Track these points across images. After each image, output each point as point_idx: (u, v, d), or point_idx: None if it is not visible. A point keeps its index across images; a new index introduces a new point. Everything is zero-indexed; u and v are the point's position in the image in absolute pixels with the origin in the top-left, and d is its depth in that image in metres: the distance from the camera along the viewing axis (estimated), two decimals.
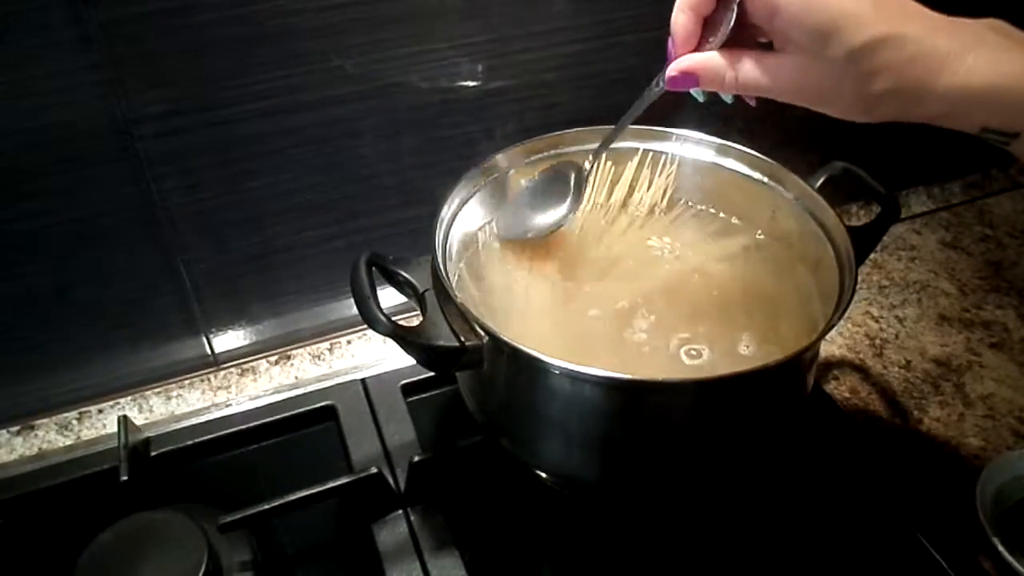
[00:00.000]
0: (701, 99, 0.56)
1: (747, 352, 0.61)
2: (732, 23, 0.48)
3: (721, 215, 0.72)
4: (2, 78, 0.59)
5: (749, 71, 0.49)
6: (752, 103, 0.54)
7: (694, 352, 0.60)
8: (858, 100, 0.47)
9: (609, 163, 0.71)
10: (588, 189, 0.68)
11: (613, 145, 0.65)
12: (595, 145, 0.70)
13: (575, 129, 0.70)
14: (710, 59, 0.50)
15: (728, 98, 0.54)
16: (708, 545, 0.66)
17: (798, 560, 0.64)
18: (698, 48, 0.51)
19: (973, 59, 0.44)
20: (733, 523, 0.67)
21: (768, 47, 0.50)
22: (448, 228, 0.63)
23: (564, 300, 0.64)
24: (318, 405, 0.75)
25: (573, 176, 0.66)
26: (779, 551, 0.65)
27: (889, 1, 0.45)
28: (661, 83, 0.54)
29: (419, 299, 0.59)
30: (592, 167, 0.66)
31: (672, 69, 0.51)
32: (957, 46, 0.44)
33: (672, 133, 0.70)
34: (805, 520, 0.67)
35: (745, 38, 0.50)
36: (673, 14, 0.51)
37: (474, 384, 0.62)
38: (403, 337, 0.54)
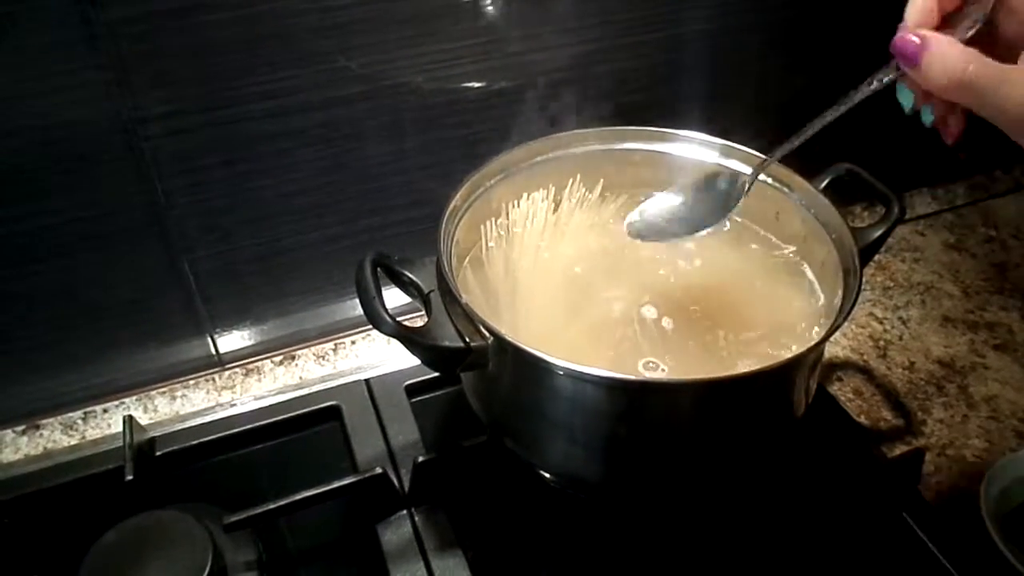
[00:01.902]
0: (926, 123, 0.50)
1: (750, 353, 0.61)
2: (981, 22, 0.43)
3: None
4: (7, 77, 0.59)
5: (987, 72, 0.41)
6: (952, 135, 0.49)
7: (697, 351, 0.61)
8: None
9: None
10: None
11: (614, 146, 0.66)
12: (599, 147, 0.70)
13: (580, 130, 0.70)
14: (940, 38, 0.42)
15: (927, 120, 0.49)
16: (711, 545, 0.66)
17: (800, 561, 0.64)
18: None
19: None
20: (736, 524, 0.67)
21: None
22: (453, 228, 0.63)
23: (569, 301, 0.64)
24: (322, 405, 0.76)
25: (724, 180, 0.62)
26: (782, 552, 0.65)
27: None
28: (875, 82, 0.49)
29: (424, 300, 0.59)
30: (755, 176, 0.61)
31: (897, 36, 0.44)
32: None
33: (676, 134, 0.70)
34: (808, 521, 0.67)
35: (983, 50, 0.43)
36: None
37: (478, 385, 0.62)
38: (408, 337, 0.54)
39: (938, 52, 0.42)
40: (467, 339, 0.55)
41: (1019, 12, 0.42)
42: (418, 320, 0.58)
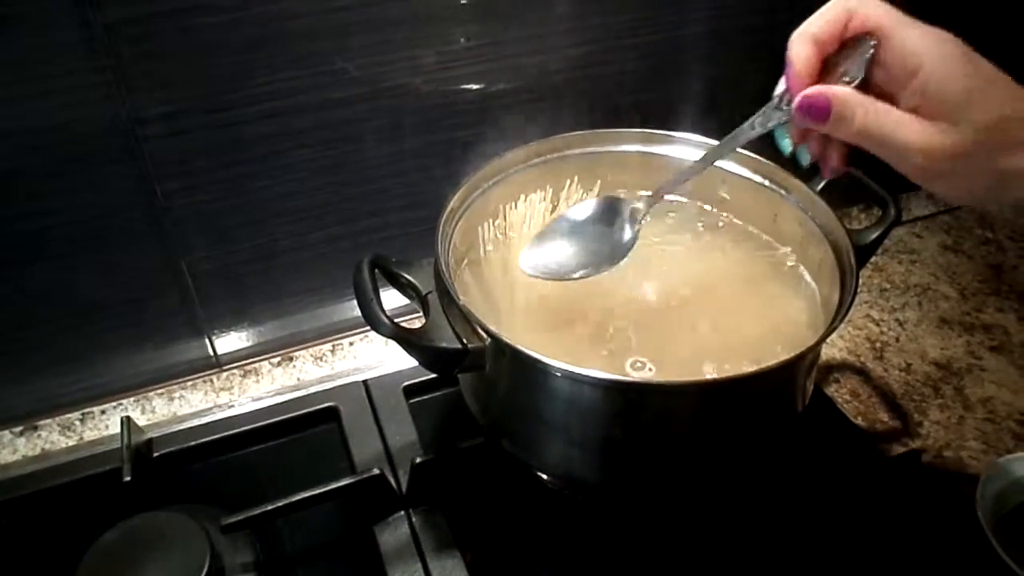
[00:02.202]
0: (803, 164, 0.53)
1: (747, 355, 0.61)
2: (864, 67, 0.45)
3: (722, 218, 0.72)
4: (6, 79, 0.59)
5: (880, 118, 0.45)
6: (832, 168, 0.51)
7: (693, 353, 0.61)
8: (983, 176, 0.44)
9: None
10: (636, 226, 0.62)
11: (612, 148, 0.66)
12: (597, 149, 0.70)
13: (578, 132, 0.70)
14: (848, 93, 0.45)
15: (805, 160, 0.52)
16: (708, 547, 0.66)
17: (798, 562, 0.65)
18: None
19: None
20: (733, 525, 0.67)
21: None
22: (451, 230, 0.63)
23: (566, 303, 0.65)
24: (320, 406, 0.76)
25: (620, 216, 0.62)
26: (779, 553, 0.65)
27: (1006, 78, 0.44)
28: (756, 126, 0.52)
29: (422, 301, 0.59)
30: (647, 210, 0.61)
31: (806, 93, 0.46)
32: None
33: (674, 136, 0.70)
34: (805, 522, 0.67)
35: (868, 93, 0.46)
36: (792, 42, 0.48)
37: (476, 386, 0.62)
38: (406, 339, 0.55)
39: (844, 107, 0.45)
40: (465, 341, 0.55)
41: (905, 54, 0.44)
42: (416, 322, 0.58)
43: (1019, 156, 0.43)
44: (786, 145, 0.53)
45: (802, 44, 0.47)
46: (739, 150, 0.68)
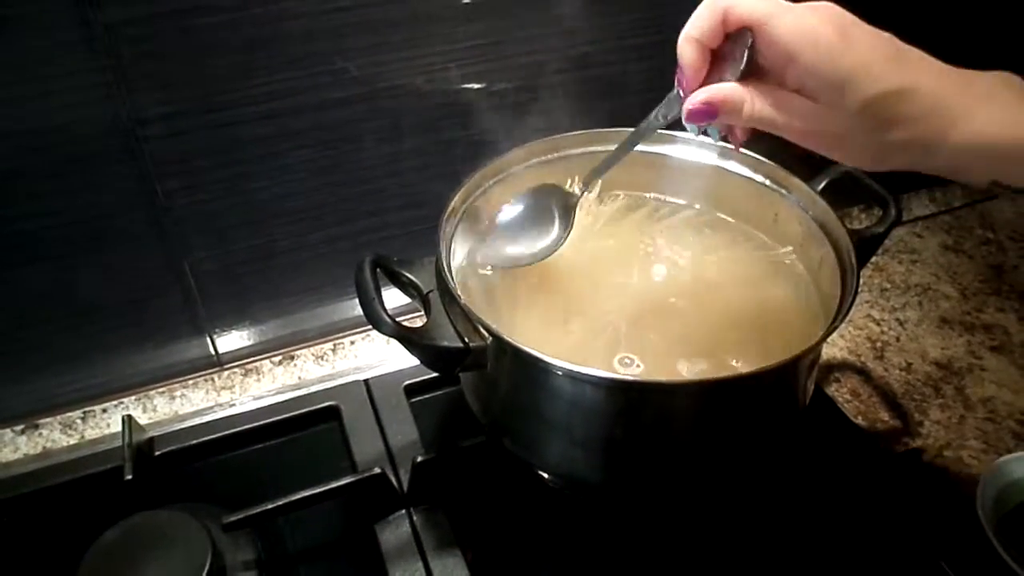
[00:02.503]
0: (714, 139, 0.56)
1: (747, 354, 0.61)
2: (746, 58, 0.47)
3: (723, 218, 0.72)
4: (6, 79, 0.60)
5: (766, 105, 0.47)
6: (738, 140, 0.54)
7: (692, 353, 0.61)
8: (869, 149, 0.47)
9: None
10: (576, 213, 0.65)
11: (612, 148, 0.65)
12: (597, 148, 0.70)
13: (577, 132, 0.70)
14: (732, 90, 0.48)
15: (715, 136, 0.54)
16: (709, 546, 0.66)
17: (798, 561, 0.65)
18: (707, 82, 0.49)
19: (985, 115, 0.44)
20: (734, 524, 0.67)
21: None
22: (452, 230, 0.63)
23: (567, 302, 0.65)
24: (321, 405, 0.76)
25: (558, 202, 0.64)
26: (780, 552, 0.65)
27: (906, 53, 0.45)
28: (660, 117, 0.54)
29: (423, 300, 0.59)
30: (582, 194, 0.64)
31: (691, 101, 0.49)
32: (969, 101, 0.45)
33: (675, 136, 0.70)
34: (805, 521, 0.67)
35: (758, 79, 0.48)
36: (679, 45, 0.49)
37: (477, 385, 0.62)
38: (407, 338, 0.55)
39: (728, 103, 0.48)
40: (466, 339, 0.55)
41: (778, 44, 0.45)
42: (417, 320, 0.58)
43: (897, 130, 0.45)
44: (714, 134, 0.55)
45: (686, 45, 0.49)
46: (740, 150, 0.68)
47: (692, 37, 0.48)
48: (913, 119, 0.45)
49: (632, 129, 0.57)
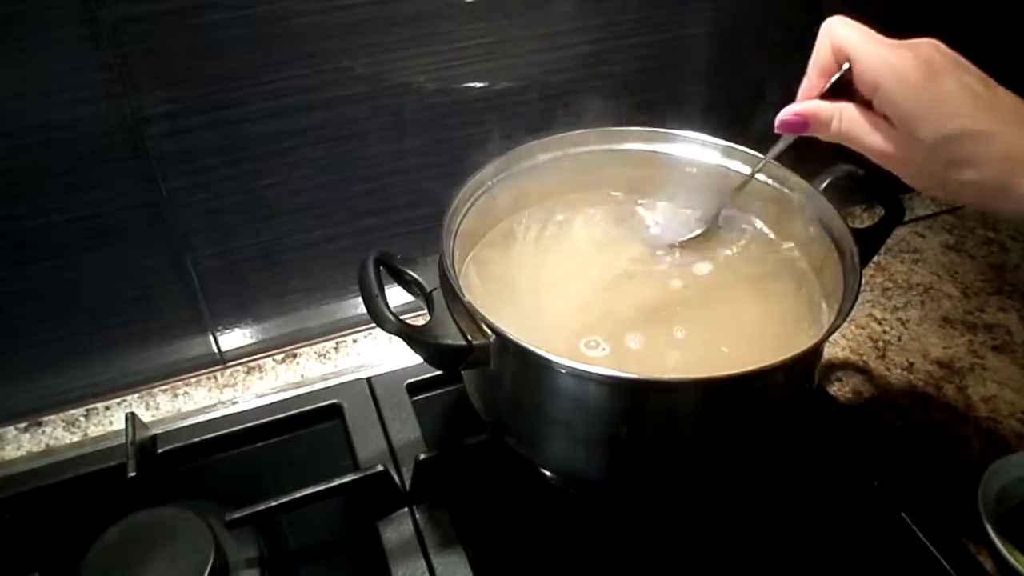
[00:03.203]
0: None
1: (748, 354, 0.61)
2: (834, 78, 0.52)
3: (726, 216, 0.72)
4: (11, 77, 0.60)
5: (852, 123, 0.51)
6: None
7: (691, 354, 0.61)
8: (941, 183, 0.49)
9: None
10: None
11: (615, 146, 0.66)
12: (600, 147, 0.70)
13: (582, 130, 0.70)
14: (819, 106, 0.52)
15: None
16: (712, 544, 0.66)
17: (801, 560, 0.65)
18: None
19: None
20: (736, 522, 0.67)
21: None
22: (456, 228, 0.63)
23: (570, 299, 0.65)
24: (324, 403, 0.76)
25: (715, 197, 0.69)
26: (782, 551, 0.65)
27: (996, 98, 0.47)
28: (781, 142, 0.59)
29: (426, 298, 0.59)
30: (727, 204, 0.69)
31: (784, 113, 0.54)
32: None
33: (678, 135, 0.70)
34: (808, 520, 0.67)
35: (850, 99, 0.52)
36: (807, 77, 0.54)
37: (480, 383, 0.62)
38: (410, 336, 0.55)
39: (820, 120, 0.53)
40: (469, 337, 0.55)
41: (867, 71, 0.49)
42: (420, 319, 0.58)
43: (970, 170, 0.47)
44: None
45: (813, 76, 0.54)
46: (741, 148, 0.69)
47: (819, 72, 0.53)
48: (986, 162, 0.47)
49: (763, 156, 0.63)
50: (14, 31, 0.58)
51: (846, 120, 0.51)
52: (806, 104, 0.53)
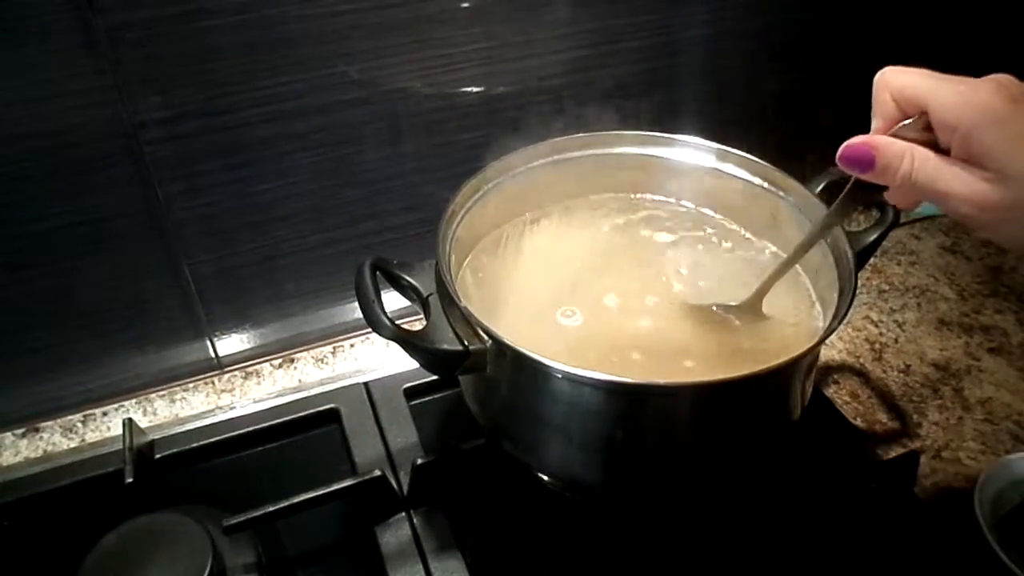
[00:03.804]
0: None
1: (744, 356, 0.61)
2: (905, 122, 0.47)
3: (721, 220, 0.73)
4: (8, 83, 0.60)
5: (928, 168, 0.45)
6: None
7: (689, 356, 0.61)
8: None
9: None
10: None
11: (611, 150, 0.66)
12: (596, 151, 0.71)
13: (577, 135, 0.70)
14: (890, 140, 0.46)
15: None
16: (709, 548, 0.66)
17: (797, 562, 0.65)
18: None
19: None
20: (733, 526, 0.67)
21: None
22: (452, 232, 0.63)
23: (567, 304, 0.65)
24: (321, 408, 0.76)
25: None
26: (778, 554, 0.65)
27: None
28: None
29: (423, 303, 0.59)
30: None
31: (849, 144, 0.48)
32: None
33: (673, 139, 0.70)
34: (804, 523, 0.67)
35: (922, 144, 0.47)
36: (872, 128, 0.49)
37: (477, 387, 0.62)
38: (407, 341, 0.55)
39: (889, 157, 0.46)
40: (466, 342, 0.55)
41: (942, 113, 0.45)
42: (417, 324, 0.58)
43: None
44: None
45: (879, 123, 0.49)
46: (736, 152, 0.69)
47: (886, 124, 0.48)
48: None
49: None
50: (9, 39, 0.58)
51: (919, 160, 0.45)
52: (875, 137, 0.47)
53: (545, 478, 0.66)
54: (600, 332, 0.63)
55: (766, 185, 0.68)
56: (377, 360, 0.84)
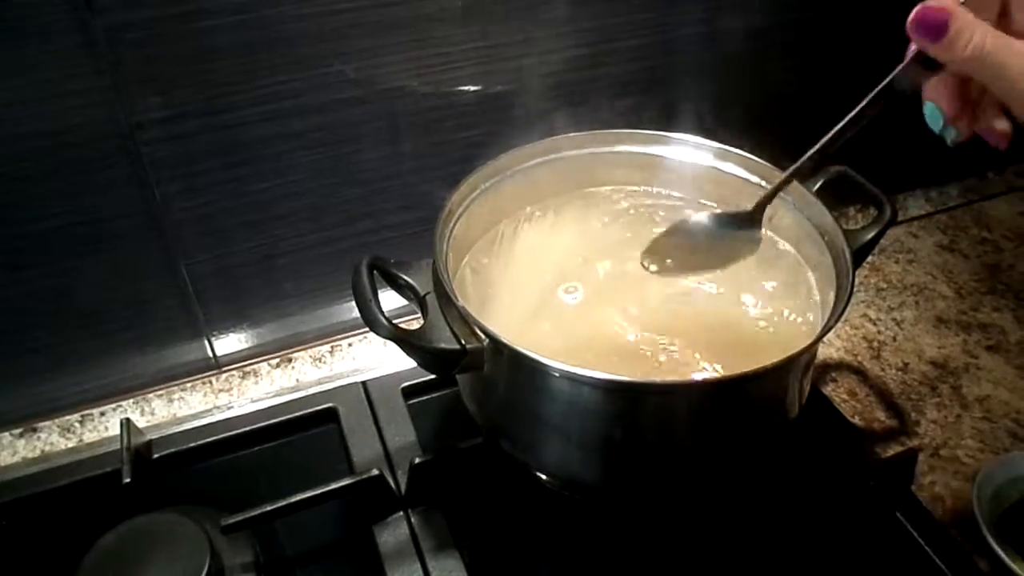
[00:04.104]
0: (949, 137, 0.50)
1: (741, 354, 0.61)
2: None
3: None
4: (7, 83, 0.60)
5: (999, 42, 0.42)
6: (999, 136, 0.48)
7: (690, 356, 0.61)
8: None
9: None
10: None
11: (609, 149, 0.66)
12: (594, 150, 0.71)
13: (574, 133, 0.70)
14: (965, 11, 0.42)
15: (951, 136, 0.49)
16: (707, 546, 0.66)
17: (796, 561, 0.65)
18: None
19: None
20: (731, 524, 0.67)
21: None
22: (449, 231, 0.63)
23: (565, 304, 0.65)
24: (319, 407, 0.76)
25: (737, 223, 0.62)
26: (776, 552, 0.65)
27: None
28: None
29: (420, 302, 0.59)
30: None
31: (922, 6, 0.43)
32: None
33: (671, 137, 0.70)
34: (802, 521, 0.67)
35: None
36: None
37: (474, 386, 0.62)
38: (404, 340, 0.55)
39: (963, 24, 0.42)
40: (463, 341, 0.55)
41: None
42: (414, 323, 0.58)
43: None
44: (935, 123, 0.49)
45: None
46: (734, 150, 0.69)
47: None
48: None
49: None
50: (7, 39, 0.58)
51: (992, 35, 0.42)
52: (959, 8, 0.42)
53: (543, 477, 0.66)
54: (596, 323, 0.63)
55: (765, 184, 0.68)
56: (375, 359, 0.84)
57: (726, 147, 0.69)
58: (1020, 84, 0.42)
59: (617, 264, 0.68)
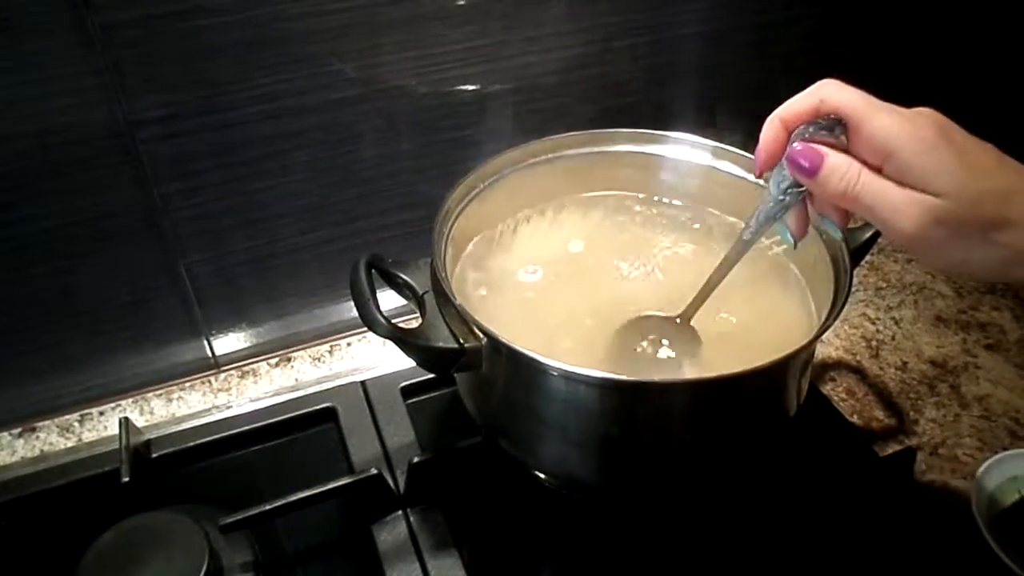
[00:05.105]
0: (792, 244, 0.54)
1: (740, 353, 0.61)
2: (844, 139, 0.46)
3: (717, 217, 0.72)
4: (4, 82, 0.60)
5: (873, 186, 0.45)
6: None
7: (689, 356, 0.61)
8: (966, 251, 0.44)
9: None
10: None
11: (607, 148, 0.66)
12: (591, 149, 0.71)
13: (572, 133, 0.70)
14: (837, 153, 0.46)
15: (792, 244, 0.54)
16: (706, 545, 0.66)
17: (795, 560, 0.65)
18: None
19: None
20: (730, 523, 0.67)
21: None
22: (448, 231, 0.63)
23: (563, 303, 0.65)
24: (318, 407, 0.76)
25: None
26: (775, 551, 0.65)
27: (1007, 160, 0.45)
28: (753, 223, 0.55)
29: (418, 301, 0.59)
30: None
31: (799, 147, 0.47)
32: None
33: (669, 136, 0.70)
34: (801, 520, 0.67)
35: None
36: (764, 126, 0.50)
37: (473, 386, 0.62)
38: (402, 339, 0.55)
39: (834, 163, 0.46)
40: (461, 340, 0.55)
41: (875, 139, 0.45)
42: (413, 322, 0.58)
43: (1005, 233, 0.43)
44: (789, 238, 0.54)
45: (769, 123, 0.50)
46: (732, 149, 0.69)
47: (778, 116, 0.49)
48: (1020, 222, 0.43)
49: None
50: (5, 37, 0.58)
51: (867, 180, 0.45)
52: (830, 149, 0.46)
53: (541, 476, 0.66)
54: (596, 326, 0.63)
55: (762, 182, 0.68)
56: (374, 359, 0.84)
57: (724, 146, 0.69)
58: (900, 224, 0.44)
59: (617, 264, 0.68)
